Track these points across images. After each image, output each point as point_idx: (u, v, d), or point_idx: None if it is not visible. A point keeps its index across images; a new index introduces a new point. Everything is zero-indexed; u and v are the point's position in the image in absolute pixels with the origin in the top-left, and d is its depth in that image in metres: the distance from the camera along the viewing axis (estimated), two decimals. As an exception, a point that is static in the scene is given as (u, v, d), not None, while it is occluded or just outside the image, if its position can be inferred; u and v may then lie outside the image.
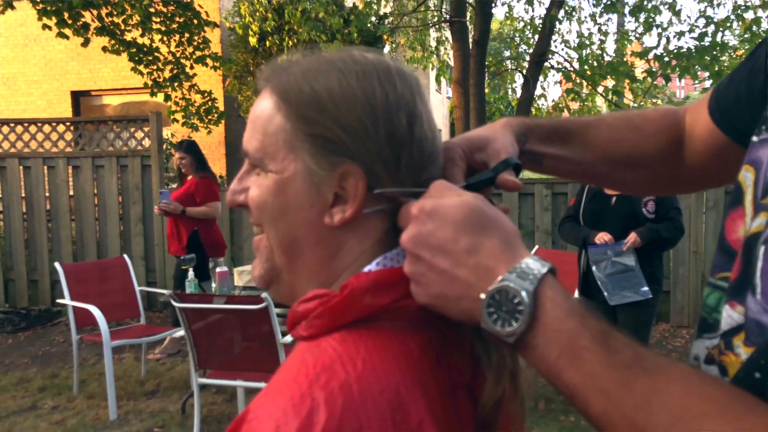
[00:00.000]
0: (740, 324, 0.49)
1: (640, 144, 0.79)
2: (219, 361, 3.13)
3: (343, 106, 0.60)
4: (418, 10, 7.97)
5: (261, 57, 10.22)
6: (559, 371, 0.48)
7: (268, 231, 0.64)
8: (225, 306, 2.91)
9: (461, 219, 0.54)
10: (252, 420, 0.52)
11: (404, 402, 0.52)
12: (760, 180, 0.53)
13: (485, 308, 0.51)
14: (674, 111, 0.81)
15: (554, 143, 0.77)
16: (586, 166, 0.79)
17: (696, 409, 0.43)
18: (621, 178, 0.83)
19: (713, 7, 7.24)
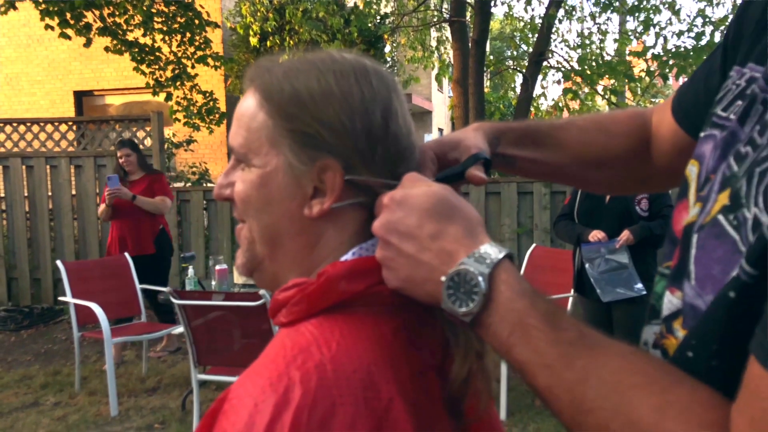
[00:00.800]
0: (679, 309, 0.52)
1: (609, 145, 0.83)
2: (218, 357, 3.17)
3: (321, 103, 0.63)
4: (419, 9, 8.01)
5: (262, 57, 10.27)
6: (510, 348, 0.52)
7: (251, 223, 0.68)
8: (224, 303, 2.95)
9: (427, 207, 0.58)
10: (233, 399, 0.56)
11: (375, 381, 0.56)
12: (702, 173, 0.57)
13: (445, 289, 0.55)
14: (642, 112, 0.85)
15: (526, 146, 0.81)
16: (556, 168, 0.83)
17: (627, 382, 0.47)
18: (590, 178, 0.86)
19: (712, 6, 7.26)
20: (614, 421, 0.46)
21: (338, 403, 0.53)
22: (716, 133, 0.57)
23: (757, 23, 0.60)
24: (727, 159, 0.53)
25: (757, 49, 0.59)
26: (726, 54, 0.67)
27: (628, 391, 0.46)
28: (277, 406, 0.52)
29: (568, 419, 0.50)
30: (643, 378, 0.47)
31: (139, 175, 4.74)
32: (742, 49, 0.63)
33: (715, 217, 0.50)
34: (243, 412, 0.53)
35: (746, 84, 0.56)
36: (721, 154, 0.53)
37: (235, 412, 0.54)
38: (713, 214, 0.50)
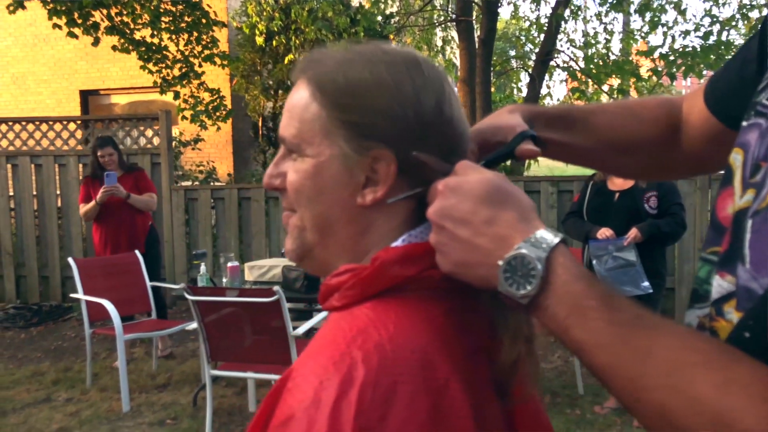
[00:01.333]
0: (730, 292, 0.54)
1: (639, 131, 0.85)
2: (231, 353, 3.20)
3: (375, 94, 0.65)
4: (425, 9, 8.03)
5: (267, 56, 10.29)
6: (567, 328, 0.54)
7: (302, 211, 0.70)
8: (237, 299, 2.98)
9: (481, 193, 0.60)
10: (296, 377, 0.58)
11: (432, 361, 0.58)
12: (748, 161, 0.59)
13: (502, 273, 0.57)
14: (671, 99, 0.87)
15: (558, 129, 0.82)
16: (586, 152, 0.85)
17: (688, 360, 0.48)
18: (619, 163, 0.89)
19: (719, 6, 7.28)
20: (675, 399, 0.48)
21: (399, 381, 0.55)
22: (762, 121, 0.59)
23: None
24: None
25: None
26: (764, 45, 0.69)
27: (688, 369, 0.48)
28: (342, 384, 0.54)
29: (627, 397, 0.52)
30: (703, 356, 0.48)
31: (120, 174, 4.66)
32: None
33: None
34: (308, 389, 0.56)
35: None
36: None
37: (300, 389, 0.56)
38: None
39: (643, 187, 3.35)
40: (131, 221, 4.66)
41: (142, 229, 4.73)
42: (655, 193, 3.32)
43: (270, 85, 10.63)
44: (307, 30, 8.57)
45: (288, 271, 3.55)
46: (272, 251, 6.19)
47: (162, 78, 7.79)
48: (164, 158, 6.28)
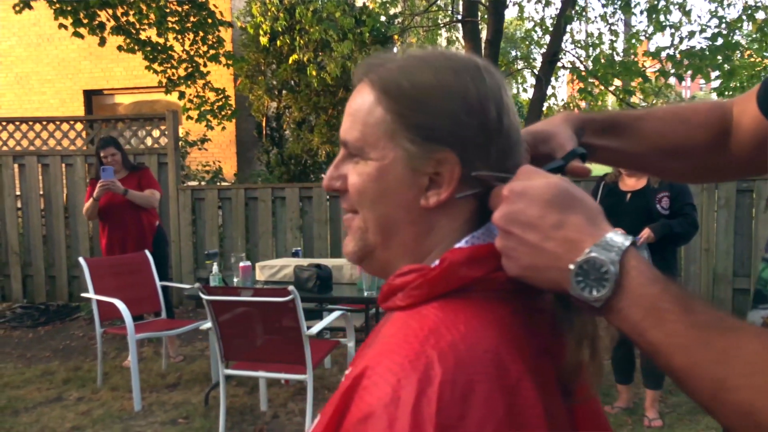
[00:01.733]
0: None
1: (688, 135, 0.86)
2: (244, 353, 3.21)
3: (440, 99, 0.67)
4: (430, 10, 8.04)
5: (272, 56, 10.30)
6: (643, 331, 0.55)
7: (365, 213, 0.71)
8: (252, 299, 2.99)
9: (549, 198, 0.60)
10: (371, 376, 0.59)
11: (504, 360, 0.59)
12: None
13: (574, 277, 0.58)
14: (722, 103, 0.88)
15: (607, 136, 0.84)
16: (636, 157, 0.87)
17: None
18: (668, 167, 0.90)
19: (723, 7, 7.29)
20: (760, 399, 0.48)
21: (475, 381, 0.56)
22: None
23: None
24: None
25: None
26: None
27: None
28: (421, 382, 0.56)
29: (706, 398, 0.52)
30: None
31: (124, 174, 4.62)
32: None
33: None
34: (386, 387, 0.57)
35: None
36: None
37: (378, 387, 0.57)
38: None
39: (655, 187, 3.36)
40: (138, 221, 4.63)
41: (149, 228, 4.72)
42: (667, 193, 3.33)
43: (274, 85, 10.64)
44: (311, 30, 8.57)
45: (300, 271, 3.56)
46: (279, 251, 6.21)
47: (167, 78, 7.80)
48: (171, 158, 6.29)
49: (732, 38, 6.08)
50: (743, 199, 5.35)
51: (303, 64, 9.25)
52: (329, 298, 3.66)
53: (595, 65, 6.46)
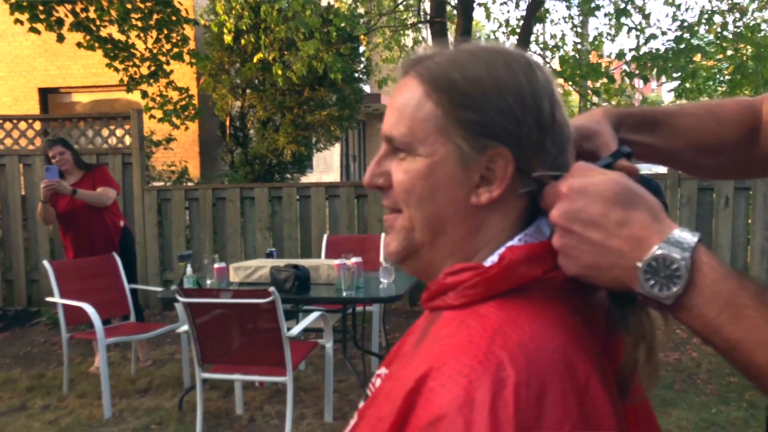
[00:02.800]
0: None
1: (720, 132, 0.87)
2: (222, 356, 3.15)
3: (494, 94, 0.65)
4: (397, 10, 8.04)
5: (236, 55, 10.16)
6: (718, 327, 0.54)
7: (411, 211, 0.69)
8: (232, 300, 2.94)
9: (610, 195, 0.59)
10: (438, 377, 0.57)
11: (572, 360, 0.58)
12: None
13: (642, 275, 0.57)
14: (750, 101, 0.89)
15: (643, 132, 0.84)
16: (669, 153, 0.87)
17: None
18: (701, 164, 0.91)
19: (679, 11, 7.49)
20: None
21: (548, 381, 0.55)
22: None
23: None
24: None
25: None
26: None
27: None
28: (494, 384, 0.54)
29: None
30: None
31: (79, 175, 4.41)
32: None
33: None
34: (456, 389, 0.55)
35: None
36: None
37: (448, 389, 0.55)
38: None
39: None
40: (102, 223, 4.48)
41: (114, 230, 4.57)
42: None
43: (238, 84, 10.50)
44: (277, 29, 8.47)
45: (277, 272, 3.51)
46: (248, 252, 6.12)
47: (129, 76, 7.61)
48: (136, 158, 6.14)
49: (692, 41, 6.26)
50: (705, 197, 5.51)
51: (268, 63, 9.15)
52: (308, 299, 3.62)
53: (562, 66, 6.56)
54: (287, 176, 11.48)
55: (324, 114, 10.64)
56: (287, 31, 8.00)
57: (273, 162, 10.99)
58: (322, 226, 5.97)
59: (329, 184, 6.22)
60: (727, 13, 6.92)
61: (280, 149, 10.52)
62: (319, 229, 5.96)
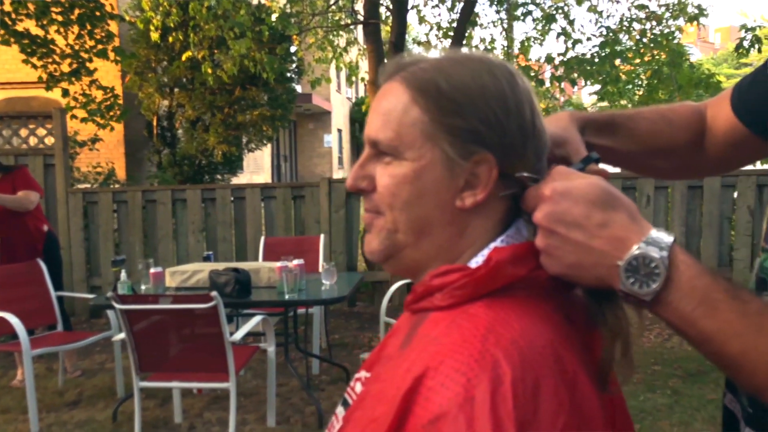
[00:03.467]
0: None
1: (673, 136, 0.93)
2: (162, 363, 3.06)
3: (480, 101, 0.68)
4: (330, 11, 8.02)
5: (163, 53, 9.88)
6: (694, 321, 0.58)
7: (395, 214, 0.70)
8: (172, 306, 2.86)
9: (592, 197, 0.63)
10: (436, 377, 0.59)
11: (561, 354, 0.61)
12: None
13: (624, 273, 0.60)
14: (697, 106, 0.95)
15: (604, 136, 0.89)
16: (627, 155, 0.92)
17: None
18: (656, 166, 0.96)
19: (602, 18, 7.83)
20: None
21: (540, 376, 0.58)
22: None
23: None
24: None
25: None
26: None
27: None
28: (493, 381, 0.56)
29: (761, 381, 0.56)
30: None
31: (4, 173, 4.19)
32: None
33: None
34: (455, 387, 0.57)
35: None
36: None
37: (447, 388, 0.57)
38: None
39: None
40: (23, 227, 4.24)
41: (37, 234, 4.34)
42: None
43: (165, 83, 10.21)
44: (206, 27, 8.29)
45: (216, 275, 3.44)
46: (180, 256, 5.96)
47: (48, 74, 7.25)
48: (59, 159, 5.87)
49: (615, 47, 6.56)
50: (628, 196, 5.76)
51: (197, 62, 8.93)
52: (249, 303, 3.56)
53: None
54: (218, 177, 11.25)
55: (255, 113, 10.50)
56: (217, 29, 7.84)
57: (203, 163, 10.75)
58: (257, 228, 5.89)
59: (264, 185, 6.14)
60: (644, 21, 7.29)
61: (210, 150, 10.30)
62: (254, 231, 5.87)
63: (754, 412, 0.70)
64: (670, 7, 7.51)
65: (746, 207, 5.51)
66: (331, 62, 8.79)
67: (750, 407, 0.71)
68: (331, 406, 3.71)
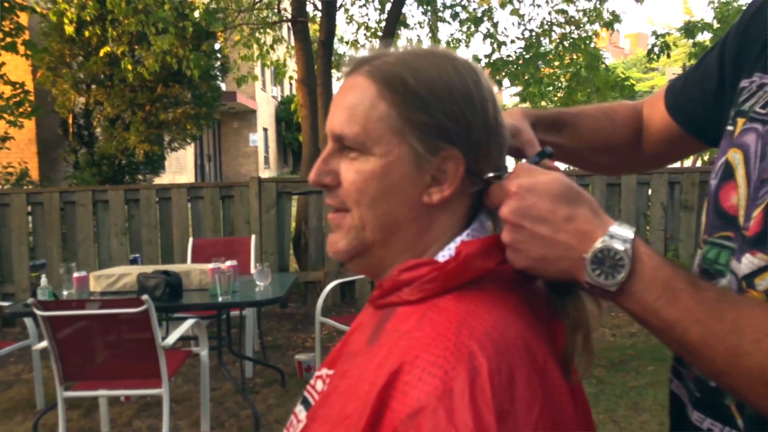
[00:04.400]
0: (761, 267, 0.65)
1: (614, 133, 0.97)
2: (89, 371, 2.92)
3: (447, 97, 0.68)
4: (257, 8, 7.89)
5: (78, 47, 9.42)
6: (657, 310, 0.61)
7: (362, 211, 0.70)
8: (101, 311, 2.73)
9: (557, 193, 0.64)
10: (412, 371, 0.59)
11: (531, 345, 0.62)
12: (750, 159, 0.70)
13: (589, 265, 0.62)
14: (635, 104, 1.00)
15: (553, 132, 0.92)
16: (571, 151, 0.95)
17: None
18: (597, 162, 1.01)
19: (524, 21, 8.09)
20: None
21: (514, 366, 0.59)
22: (758, 126, 0.71)
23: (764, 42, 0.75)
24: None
25: (762, 60, 0.74)
26: (723, 67, 0.83)
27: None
28: (470, 372, 0.57)
29: (719, 365, 0.59)
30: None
31: None
32: (746, 64, 0.78)
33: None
34: (433, 380, 0.57)
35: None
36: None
37: (425, 382, 0.57)
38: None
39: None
40: None
41: None
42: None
43: (81, 79, 9.74)
44: (126, 22, 7.97)
45: (145, 279, 3.31)
46: (102, 259, 5.72)
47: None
48: (-34, 159, 5.49)
49: (539, 50, 6.79)
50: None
51: (116, 57, 8.57)
52: (181, 306, 3.45)
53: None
54: (139, 177, 10.84)
55: (179, 111, 10.18)
56: (138, 25, 7.56)
57: (123, 162, 10.33)
58: (184, 230, 5.72)
59: (192, 185, 5.97)
60: (564, 25, 7.58)
61: (130, 149, 9.91)
62: (181, 232, 5.70)
63: (702, 396, 0.74)
64: (587, 13, 7.85)
65: (660, 203, 5.83)
66: (258, 60, 8.65)
67: (697, 392, 0.75)
68: (266, 408, 3.66)
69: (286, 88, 27.88)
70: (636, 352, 4.43)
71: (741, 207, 0.70)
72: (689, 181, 5.79)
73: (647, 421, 3.37)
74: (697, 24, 7.36)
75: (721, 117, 0.81)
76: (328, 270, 5.73)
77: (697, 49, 7.72)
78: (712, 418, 0.72)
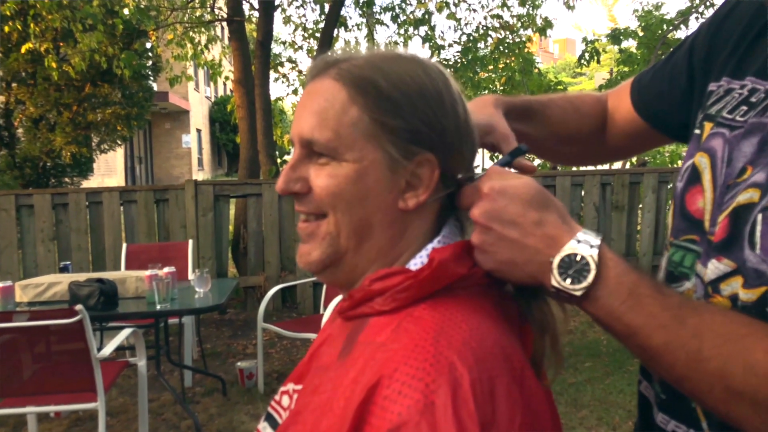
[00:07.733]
0: (726, 272, 0.66)
1: (580, 124, 0.98)
2: (16, 387, 2.76)
3: (419, 101, 0.67)
4: (191, 6, 7.69)
5: (-1, 44, 8.93)
6: (620, 315, 0.61)
7: (337, 217, 0.68)
8: (30, 323, 2.58)
9: (527, 197, 0.64)
10: (391, 384, 0.57)
11: (508, 352, 0.62)
12: (717, 164, 0.71)
13: (556, 269, 0.63)
14: (600, 97, 1.01)
15: (522, 121, 0.91)
16: (537, 141, 0.95)
17: (738, 332, 0.58)
18: (561, 152, 1.01)
19: (461, 25, 8.22)
20: (732, 365, 0.56)
21: (494, 375, 0.58)
22: (725, 131, 0.72)
23: (735, 43, 0.76)
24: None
25: (731, 64, 0.76)
26: (692, 66, 0.84)
27: (741, 339, 0.57)
28: (451, 384, 0.56)
29: (680, 370, 0.59)
30: (750, 328, 0.58)
31: None
32: (715, 66, 0.79)
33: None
34: (414, 394, 0.56)
35: (748, 93, 0.72)
36: (759, 148, 0.67)
37: (405, 395, 0.56)
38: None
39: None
40: None
41: None
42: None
43: (1, 77, 9.24)
44: (49, 17, 7.62)
45: (77, 287, 3.16)
46: (28, 267, 5.43)
47: None
48: None
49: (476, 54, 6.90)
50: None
51: (40, 55, 8.18)
52: (118, 315, 3.31)
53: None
54: (66, 180, 10.37)
55: (108, 112, 9.82)
56: (63, 21, 7.23)
57: (48, 165, 9.87)
58: (116, 235, 5.50)
59: (124, 188, 5.75)
60: (500, 30, 7.74)
61: (56, 151, 9.47)
62: (113, 238, 5.48)
63: (667, 398, 0.75)
64: (521, 18, 8.04)
65: (592, 204, 6.03)
66: (191, 60, 8.44)
67: (663, 394, 0.76)
68: (208, 418, 3.56)
69: (221, 89, 27.31)
70: (573, 349, 4.56)
71: (707, 211, 0.71)
72: (620, 182, 6.01)
73: (586, 416, 3.47)
74: (622, 31, 7.65)
75: (689, 114, 0.82)
76: (268, 274, 5.64)
77: (623, 55, 8.03)
78: (677, 420, 0.73)
